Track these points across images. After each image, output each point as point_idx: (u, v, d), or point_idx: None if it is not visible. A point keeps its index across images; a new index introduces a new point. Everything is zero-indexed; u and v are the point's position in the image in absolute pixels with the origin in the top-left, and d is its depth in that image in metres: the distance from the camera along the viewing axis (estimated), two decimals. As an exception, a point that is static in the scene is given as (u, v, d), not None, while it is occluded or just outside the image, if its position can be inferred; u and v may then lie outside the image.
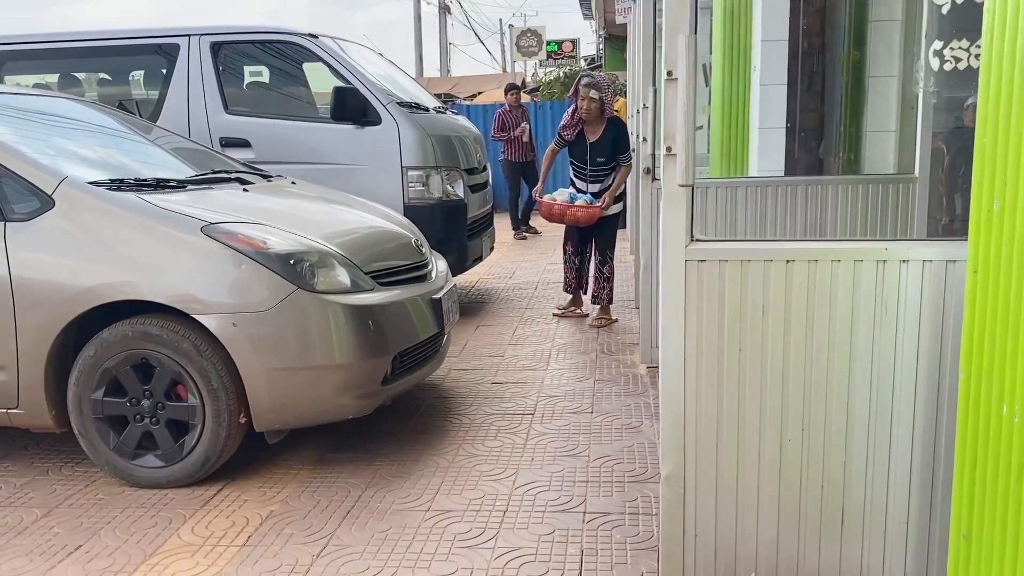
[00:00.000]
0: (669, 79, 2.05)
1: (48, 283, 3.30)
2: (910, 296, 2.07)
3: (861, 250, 2.08)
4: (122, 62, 6.53)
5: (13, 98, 4.13)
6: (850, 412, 2.15)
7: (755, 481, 2.22)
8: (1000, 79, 1.36)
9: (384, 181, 5.77)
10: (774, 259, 2.11)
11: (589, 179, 5.75)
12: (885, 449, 2.15)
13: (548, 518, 3.08)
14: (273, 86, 6.40)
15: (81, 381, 3.34)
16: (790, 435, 2.18)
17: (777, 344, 2.15)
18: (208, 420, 3.30)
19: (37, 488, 3.43)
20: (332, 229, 3.80)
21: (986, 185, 1.43)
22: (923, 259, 2.05)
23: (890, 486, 2.17)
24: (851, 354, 2.12)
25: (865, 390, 2.13)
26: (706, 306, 2.16)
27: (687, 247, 2.14)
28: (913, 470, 2.15)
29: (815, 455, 2.18)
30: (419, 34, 26.57)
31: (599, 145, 5.65)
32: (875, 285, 2.08)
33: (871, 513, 2.19)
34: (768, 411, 2.18)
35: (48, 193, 3.34)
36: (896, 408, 2.13)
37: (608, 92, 5.55)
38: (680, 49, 2.02)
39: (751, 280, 2.13)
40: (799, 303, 2.12)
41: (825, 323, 2.12)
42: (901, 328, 2.09)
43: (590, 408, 4.25)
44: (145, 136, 4.61)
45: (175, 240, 3.33)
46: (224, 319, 3.25)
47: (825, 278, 2.10)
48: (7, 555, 2.89)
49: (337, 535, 2.99)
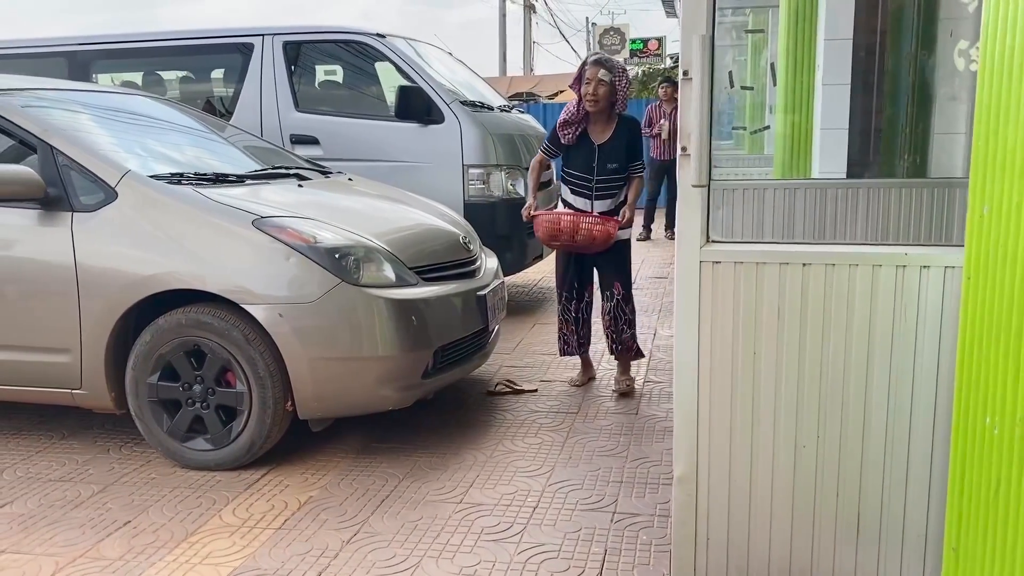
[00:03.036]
0: (684, 79, 2.04)
1: (110, 271, 3.48)
2: (930, 302, 2.01)
3: (880, 255, 2.04)
4: (202, 60, 6.80)
5: (89, 95, 4.36)
6: (867, 419, 2.10)
7: (768, 485, 2.20)
8: (992, 84, 1.31)
9: (446, 179, 5.86)
10: (790, 262, 2.08)
11: (596, 194, 4.34)
12: (903, 458, 2.09)
13: (577, 516, 3.10)
14: (342, 85, 6.57)
15: (138, 365, 3.51)
16: (804, 440, 2.15)
17: (792, 348, 2.12)
18: (255, 407, 3.43)
19: (97, 465, 3.62)
20: (381, 225, 3.89)
21: (978, 189, 1.39)
22: (944, 265, 1.99)
23: (908, 495, 2.11)
24: (868, 360, 2.08)
25: (883, 397, 2.08)
26: (721, 308, 2.15)
27: (702, 248, 2.13)
28: (932, 480, 2.09)
29: (830, 461, 2.14)
30: (503, 33, 26.72)
31: (610, 148, 4.30)
32: (894, 290, 2.02)
33: (888, 522, 2.14)
34: (782, 415, 2.15)
35: (112, 185, 3.52)
36: (915, 416, 2.07)
37: (623, 77, 4.26)
38: (696, 49, 2.01)
39: (766, 283, 2.11)
40: (815, 307, 2.09)
41: (842, 328, 2.08)
42: (920, 335, 2.03)
43: (635, 410, 4.23)
44: (212, 132, 4.80)
45: (228, 232, 3.46)
46: (271, 309, 3.36)
47: (842, 282, 2.06)
48: (62, 527, 3.07)
49: (369, 523, 3.07)
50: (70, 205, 3.55)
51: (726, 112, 8.60)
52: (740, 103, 8.79)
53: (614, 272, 4.42)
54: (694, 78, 2.02)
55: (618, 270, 4.43)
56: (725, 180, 4.97)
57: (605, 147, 4.31)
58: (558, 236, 4.27)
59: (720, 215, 4.12)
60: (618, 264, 4.43)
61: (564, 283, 4.52)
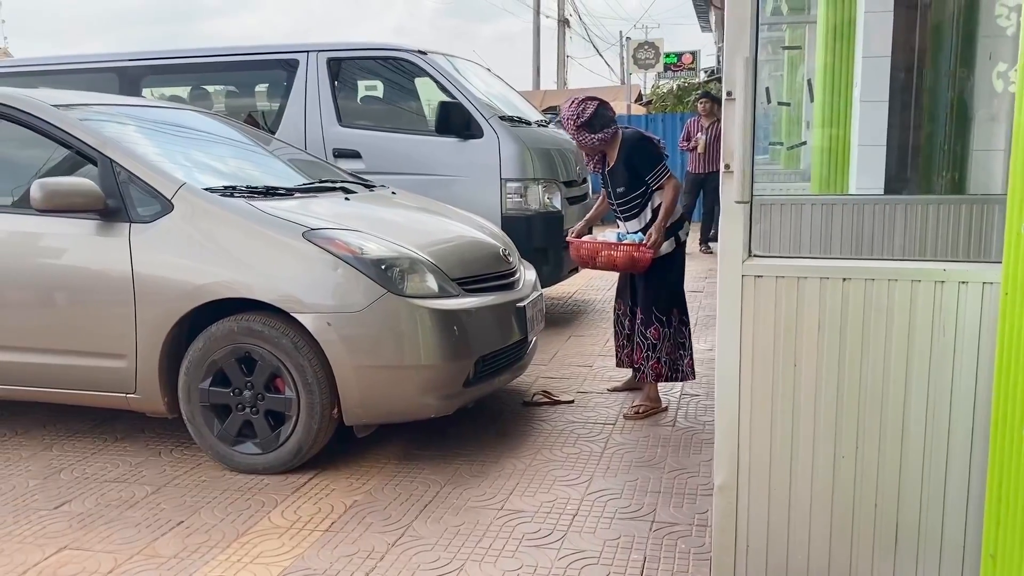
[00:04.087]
0: (728, 99, 2.12)
1: (166, 280, 3.61)
2: (969, 317, 2.06)
3: (919, 270, 2.09)
4: (248, 76, 7.00)
5: (143, 109, 4.52)
6: (905, 431, 2.15)
7: (808, 494, 2.25)
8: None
9: (484, 192, 5.97)
10: (830, 277, 2.14)
11: (620, 216, 4.44)
12: (941, 470, 2.14)
13: (616, 524, 3.16)
14: (383, 100, 6.71)
15: (191, 371, 3.63)
16: (843, 451, 2.20)
17: (832, 361, 2.17)
18: (302, 412, 3.53)
19: (150, 467, 3.75)
20: (424, 237, 3.99)
21: (1016, 208, 1.45)
22: (983, 281, 2.04)
23: (946, 507, 2.16)
24: (907, 374, 2.13)
25: (921, 410, 2.13)
26: (762, 321, 2.21)
27: (744, 262, 2.20)
28: (971, 492, 2.13)
29: (869, 472, 2.19)
30: (537, 47, 26.91)
31: (615, 173, 4.33)
32: (932, 306, 2.08)
33: (926, 533, 2.18)
34: (822, 426, 2.21)
35: (168, 197, 3.66)
36: (953, 430, 2.12)
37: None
38: (739, 70, 2.09)
39: (807, 297, 2.17)
40: (855, 321, 2.14)
41: (881, 342, 2.13)
42: (959, 349, 2.08)
43: (672, 421, 4.28)
44: (261, 147, 4.95)
45: (279, 243, 3.58)
46: (320, 318, 3.47)
47: (882, 297, 2.11)
48: (119, 526, 3.19)
49: (413, 527, 3.15)
50: (128, 216, 3.69)
51: (762, 127, 8.63)
52: (776, 118, 8.82)
53: (640, 295, 4.41)
54: (737, 98, 2.10)
55: (644, 293, 4.38)
56: (763, 195, 5.02)
57: (612, 172, 4.36)
58: (585, 262, 4.45)
59: (759, 229, 4.17)
60: (645, 286, 4.37)
61: (618, 298, 4.63)
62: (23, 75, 6.95)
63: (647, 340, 4.34)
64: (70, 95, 4.41)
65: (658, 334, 4.32)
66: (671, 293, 4.35)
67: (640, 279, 4.38)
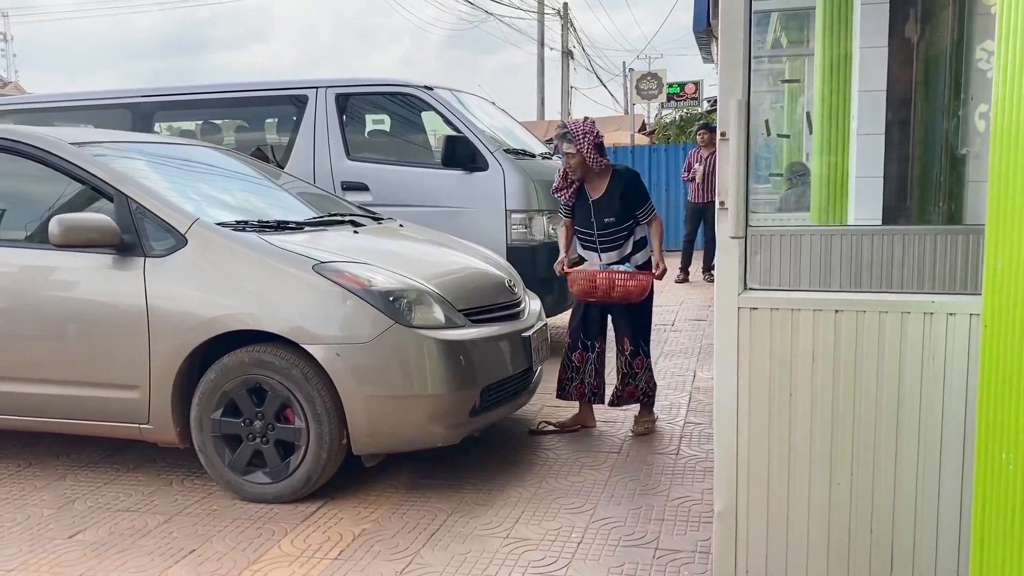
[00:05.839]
0: (722, 139, 2.21)
1: (179, 313, 3.70)
2: (957, 348, 2.13)
3: (908, 302, 2.17)
4: (258, 111, 7.15)
5: (156, 146, 4.65)
6: (898, 459, 2.22)
7: (805, 521, 2.31)
8: (1002, 150, 1.46)
9: (489, 223, 6.08)
10: (823, 309, 2.22)
11: (600, 247, 4.49)
12: (934, 499, 2.20)
13: (620, 552, 3.21)
14: (390, 134, 6.85)
15: (203, 402, 3.71)
16: (839, 478, 2.27)
17: (826, 390, 2.25)
18: (312, 442, 3.60)
19: (162, 497, 3.82)
20: (431, 269, 4.08)
21: (992, 243, 1.53)
22: (970, 312, 2.12)
23: (939, 531, 2.22)
24: (899, 403, 2.20)
25: (913, 438, 2.20)
26: (758, 351, 2.29)
27: (740, 295, 2.28)
28: (963, 516, 2.19)
29: (863, 497, 2.25)
30: (541, 79, 27.20)
31: (605, 202, 4.43)
32: (922, 337, 2.15)
33: (921, 556, 2.24)
34: (817, 454, 2.28)
35: (182, 232, 3.76)
36: (944, 456, 2.18)
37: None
38: (732, 112, 2.18)
39: (801, 328, 2.25)
40: (847, 352, 2.22)
41: (873, 372, 2.20)
42: (949, 379, 2.15)
43: (676, 450, 4.34)
44: (272, 181, 5.06)
45: (290, 276, 3.68)
46: (329, 349, 3.55)
47: (872, 328, 2.19)
48: (132, 554, 3.26)
49: (420, 554, 3.21)
50: (143, 250, 3.79)
51: (763, 158, 8.74)
52: (777, 149, 8.93)
53: (626, 325, 4.52)
54: (731, 139, 2.19)
55: (630, 323, 4.51)
56: (763, 226, 5.11)
57: (600, 202, 4.46)
58: (593, 293, 4.42)
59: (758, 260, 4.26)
60: (630, 316, 4.51)
61: (573, 331, 4.65)
62: (39, 111, 7.12)
63: (632, 371, 4.56)
64: (86, 132, 4.54)
65: (642, 364, 4.57)
66: (650, 324, 4.65)
67: (622, 314, 4.53)
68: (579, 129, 4.40)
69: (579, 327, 4.60)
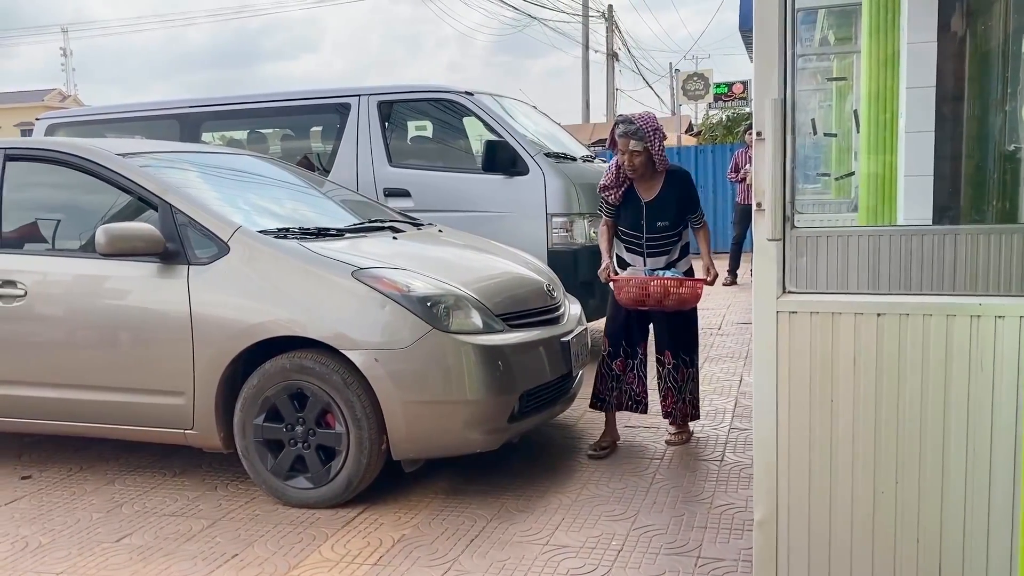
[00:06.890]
0: (758, 139, 2.16)
1: (223, 320, 3.75)
2: (1007, 352, 2.05)
3: (954, 305, 2.10)
4: (302, 119, 7.24)
5: (200, 156, 4.72)
6: (945, 468, 2.14)
7: (848, 530, 2.24)
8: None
9: (530, 227, 6.06)
10: (864, 312, 2.16)
11: (647, 251, 4.27)
12: (984, 508, 2.12)
13: (661, 560, 3.16)
14: (432, 140, 6.88)
15: (246, 407, 3.76)
16: (883, 487, 2.20)
17: (868, 396, 2.18)
18: (352, 447, 3.62)
19: (206, 501, 3.87)
20: (469, 274, 4.08)
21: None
22: (1020, 315, 2.03)
23: (990, 547, 2.13)
24: (945, 409, 2.12)
25: (961, 446, 2.12)
26: (797, 357, 2.23)
27: (778, 299, 2.23)
28: (1015, 532, 2.11)
29: (909, 507, 2.18)
30: (587, 82, 27.11)
31: (658, 205, 4.20)
32: (969, 340, 2.08)
33: (970, 567, 2.16)
34: (860, 462, 2.21)
35: (225, 240, 3.81)
36: (995, 465, 2.10)
37: (655, 139, 4.09)
38: (768, 111, 2.13)
39: (842, 332, 2.18)
40: (890, 357, 2.15)
41: (917, 377, 2.13)
42: (998, 384, 2.07)
43: (720, 457, 4.27)
44: (314, 188, 5.11)
45: (330, 283, 3.70)
46: (368, 355, 3.57)
47: (917, 332, 2.12)
48: (177, 558, 3.30)
49: (459, 560, 3.20)
50: (186, 259, 3.85)
51: (812, 158, 8.59)
52: (826, 148, 8.78)
53: (668, 337, 4.33)
54: (767, 139, 2.14)
55: (672, 335, 4.32)
56: (809, 227, 5.00)
57: (653, 204, 4.22)
58: (645, 301, 4.14)
59: (804, 263, 4.17)
60: (674, 328, 4.31)
61: (613, 338, 4.39)
62: (92, 123, 7.31)
63: (677, 384, 4.38)
64: (131, 143, 4.64)
65: (684, 375, 4.38)
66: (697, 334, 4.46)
67: (665, 324, 4.33)
68: (648, 124, 4.10)
69: (620, 333, 4.36)
